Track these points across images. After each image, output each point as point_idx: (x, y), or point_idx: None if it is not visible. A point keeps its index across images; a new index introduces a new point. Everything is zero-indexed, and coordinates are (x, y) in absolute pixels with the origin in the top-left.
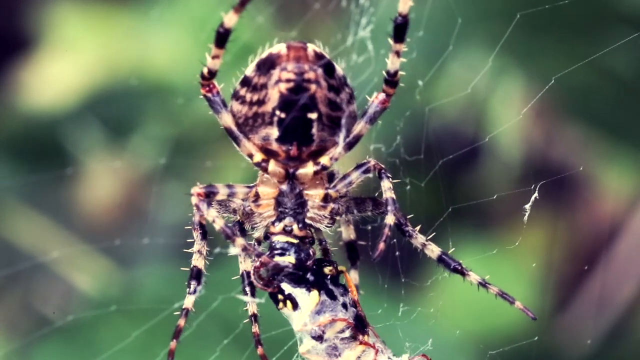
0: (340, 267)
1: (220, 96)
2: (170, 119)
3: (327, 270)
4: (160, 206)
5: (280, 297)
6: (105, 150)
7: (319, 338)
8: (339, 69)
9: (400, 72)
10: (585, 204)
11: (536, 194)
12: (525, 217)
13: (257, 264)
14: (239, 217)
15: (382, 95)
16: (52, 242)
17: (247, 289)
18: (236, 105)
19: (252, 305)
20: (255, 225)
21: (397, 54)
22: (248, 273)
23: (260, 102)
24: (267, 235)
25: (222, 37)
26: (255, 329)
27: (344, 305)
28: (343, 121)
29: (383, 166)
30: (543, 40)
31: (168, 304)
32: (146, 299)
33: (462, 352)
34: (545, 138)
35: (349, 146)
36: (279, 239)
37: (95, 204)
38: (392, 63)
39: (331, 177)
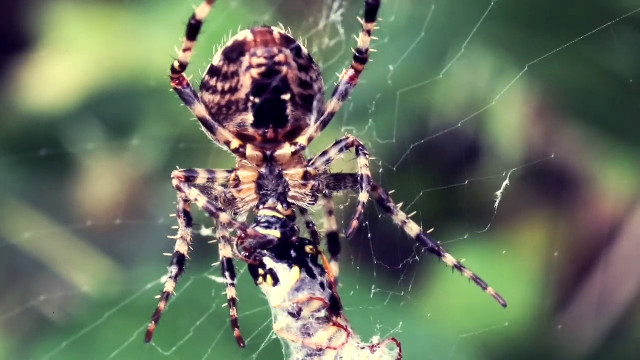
0: (319, 248)
1: (191, 88)
2: (170, 119)
3: (308, 248)
4: (160, 206)
5: (261, 271)
6: (105, 150)
7: (296, 315)
8: (304, 49)
9: (371, 50)
10: (585, 204)
11: (507, 181)
12: (496, 204)
13: (242, 235)
14: (220, 205)
15: (351, 72)
16: (52, 242)
17: (227, 274)
18: (207, 96)
19: (231, 289)
20: (239, 211)
21: (368, 32)
22: (228, 260)
23: (233, 90)
24: (255, 220)
25: (193, 29)
26: (233, 312)
27: (322, 285)
28: (316, 100)
29: (362, 143)
30: (543, 40)
31: (168, 304)
32: (146, 299)
33: (462, 352)
34: (546, 138)
35: (324, 124)
36: (266, 213)
37: (95, 204)
38: (363, 42)
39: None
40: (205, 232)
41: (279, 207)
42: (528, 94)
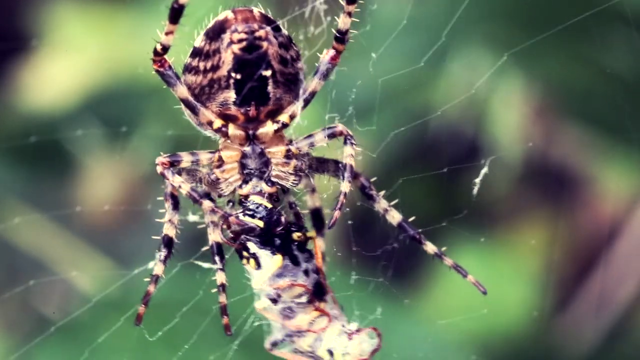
0: (309, 233)
1: (173, 69)
2: (170, 119)
3: (295, 236)
4: (160, 206)
5: (245, 254)
6: (105, 150)
7: (274, 300)
8: (284, 29)
9: (351, 31)
10: (585, 204)
11: (486, 169)
12: (475, 190)
13: (232, 219)
14: (205, 187)
15: (332, 52)
16: (52, 242)
17: (217, 258)
18: (190, 77)
19: (220, 274)
20: (223, 192)
21: (349, 14)
22: (217, 244)
23: (215, 68)
24: (240, 201)
25: (176, 13)
26: (222, 298)
27: (306, 272)
28: (296, 78)
29: (351, 133)
30: (543, 40)
31: (168, 304)
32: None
33: (462, 353)
34: (546, 138)
35: (305, 103)
36: (254, 199)
37: (95, 204)
38: (344, 23)
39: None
40: (192, 218)
41: (263, 185)
42: (527, 93)
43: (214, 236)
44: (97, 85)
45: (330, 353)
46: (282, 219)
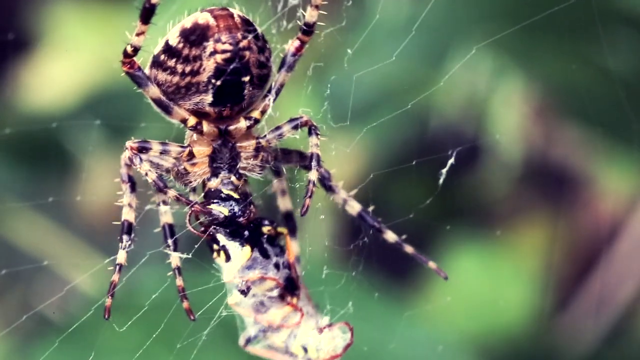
0: (280, 229)
1: (142, 71)
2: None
3: (265, 229)
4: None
5: (215, 246)
6: (105, 150)
7: (244, 292)
8: (259, 29)
9: (318, 23)
10: (585, 204)
11: (452, 160)
12: (441, 180)
13: (190, 211)
14: (171, 177)
15: (297, 43)
16: (52, 242)
17: (169, 241)
18: (164, 75)
19: (174, 257)
20: (189, 184)
21: (317, 7)
22: (170, 225)
23: (195, 73)
24: (206, 193)
25: (148, 13)
26: (179, 282)
27: (277, 266)
28: (269, 77)
29: (315, 123)
30: (543, 40)
31: (168, 304)
32: (146, 299)
33: (461, 353)
34: (546, 138)
35: (275, 96)
36: (223, 190)
37: (95, 204)
38: (310, 15)
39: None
40: (149, 207)
41: (232, 178)
42: (528, 93)
43: (166, 217)
44: (97, 85)
45: (304, 349)
46: (248, 210)
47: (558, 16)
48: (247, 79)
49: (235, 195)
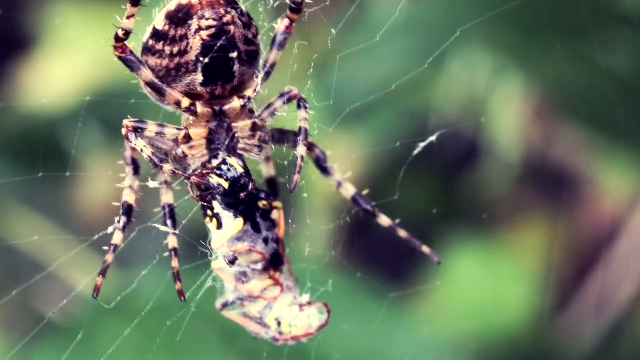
0: (276, 204)
1: (134, 54)
2: (170, 119)
3: (261, 204)
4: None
5: (209, 212)
6: (105, 150)
7: (231, 263)
8: (243, 6)
9: (307, 1)
10: (585, 204)
11: (434, 137)
12: (415, 152)
13: (192, 179)
14: (170, 161)
15: (286, 21)
16: (51, 242)
17: (169, 222)
18: (154, 60)
19: (172, 238)
20: (189, 167)
21: None
22: (170, 205)
23: (182, 53)
24: (204, 165)
25: None
26: (175, 263)
27: (266, 240)
28: (258, 54)
29: (304, 96)
30: (543, 40)
31: (168, 304)
32: (146, 300)
33: (461, 353)
34: (545, 138)
35: (267, 75)
36: (229, 161)
37: (95, 204)
38: None
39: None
40: (152, 184)
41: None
42: (527, 93)
43: (167, 198)
44: (97, 85)
45: (278, 323)
46: (250, 185)
47: (558, 16)
48: (234, 54)
49: (241, 169)
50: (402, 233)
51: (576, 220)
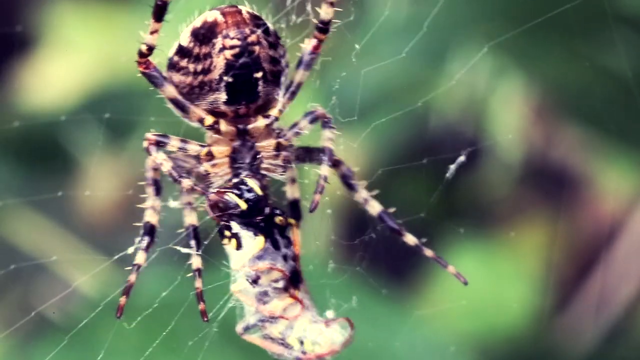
0: (290, 220)
1: (158, 70)
2: (170, 119)
3: (277, 219)
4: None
5: (227, 233)
6: (105, 150)
7: (254, 282)
8: (271, 26)
9: (333, 20)
10: (585, 204)
11: (463, 157)
12: (447, 174)
13: (210, 197)
14: (193, 179)
15: (314, 41)
16: (52, 242)
17: (193, 242)
18: (178, 76)
19: (196, 258)
20: (211, 185)
21: (331, 4)
22: (194, 227)
23: (206, 71)
24: (231, 179)
25: (160, 10)
26: (198, 284)
27: (285, 257)
28: (283, 74)
29: (329, 116)
30: (543, 40)
31: (168, 304)
32: (146, 300)
33: (461, 353)
34: (545, 138)
35: (292, 95)
36: (248, 182)
37: (95, 204)
38: (326, 13)
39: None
40: (173, 204)
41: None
42: (527, 93)
43: (191, 219)
44: (97, 85)
45: (301, 342)
46: (267, 209)
47: (558, 16)
48: (259, 74)
49: (260, 192)
50: (428, 252)
51: (576, 220)
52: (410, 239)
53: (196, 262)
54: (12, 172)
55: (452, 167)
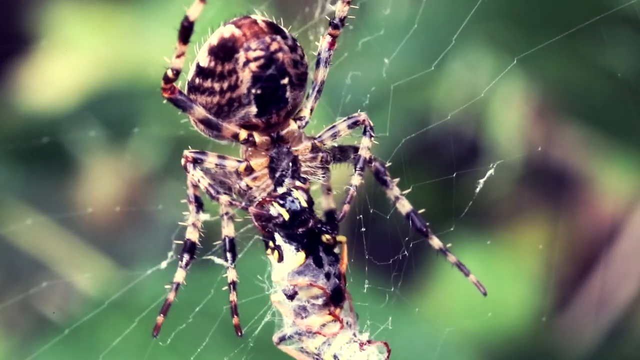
0: (339, 238)
1: (184, 94)
2: (170, 120)
3: (324, 238)
4: (160, 206)
5: (271, 244)
6: (105, 150)
7: (290, 297)
8: (286, 29)
9: (349, 17)
10: (585, 204)
11: (492, 171)
12: (477, 189)
13: (254, 208)
14: (235, 196)
15: (329, 38)
16: (52, 242)
17: (229, 255)
18: (203, 98)
19: (231, 271)
20: (254, 199)
21: (348, 3)
22: (230, 239)
23: (233, 87)
24: (276, 187)
25: (187, 32)
26: (232, 297)
27: (327, 275)
28: (307, 75)
29: (371, 124)
30: (543, 40)
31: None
32: (146, 299)
33: (461, 353)
34: (546, 138)
35: (318, 93)
36: (295, 193)
37: (95, 204)
38: (342, 10)
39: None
40: (204, 217)
41: (297, 184)
42: (528, 93)
43: (228, 230)
44: (97, 85)
45: (336, 359)
46: (310, 222)
47: (558, 16)
48: (285, 81)
49: (305, 204)
50: (452, 258)
51: (576, 220)
52: (435, 242)
53: (231, 275)
54: (12, 172)
55: (481, 181)
